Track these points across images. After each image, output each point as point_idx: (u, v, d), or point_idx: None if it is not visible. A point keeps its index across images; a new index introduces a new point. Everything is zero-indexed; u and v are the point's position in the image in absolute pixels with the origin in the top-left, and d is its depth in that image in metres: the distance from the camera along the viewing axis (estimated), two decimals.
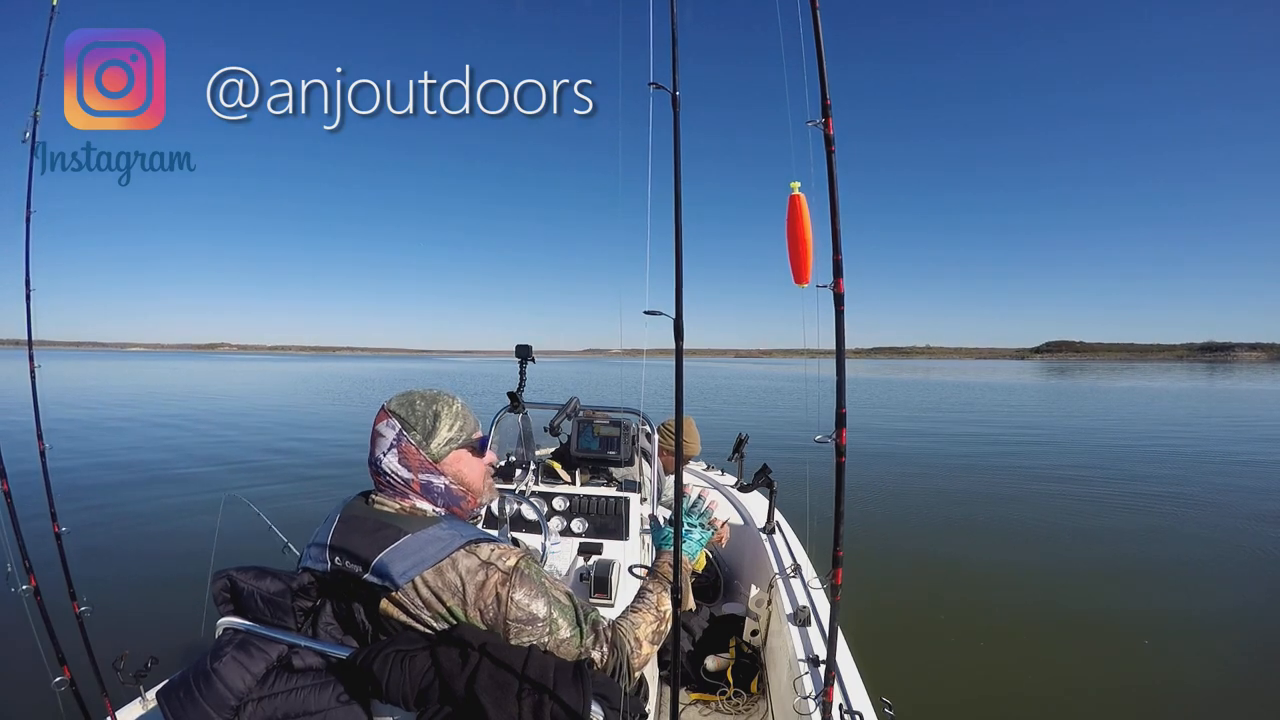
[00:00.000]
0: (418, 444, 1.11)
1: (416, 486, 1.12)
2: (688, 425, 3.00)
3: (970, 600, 4.47)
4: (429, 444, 1.12)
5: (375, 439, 1.13)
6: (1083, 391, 30.69)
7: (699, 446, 3.07)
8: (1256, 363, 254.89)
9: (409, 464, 1.11)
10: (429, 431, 1.12)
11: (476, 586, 1.01)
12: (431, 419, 1.13)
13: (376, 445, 1.12)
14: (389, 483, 1.12)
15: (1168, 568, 5.24)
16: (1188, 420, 17.09)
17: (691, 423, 3.04)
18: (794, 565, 2.76)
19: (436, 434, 1.13)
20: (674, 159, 1.25)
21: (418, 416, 1.12)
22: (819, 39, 1.23)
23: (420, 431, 1.12)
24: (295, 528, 2.09)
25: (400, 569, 0.97)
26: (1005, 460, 10.12)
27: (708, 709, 2.52)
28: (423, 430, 1.12)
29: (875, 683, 1.85)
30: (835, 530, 1.35)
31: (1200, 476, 8.75)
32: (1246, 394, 28.65)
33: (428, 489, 1.13)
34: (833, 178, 1.22)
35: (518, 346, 2.69)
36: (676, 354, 1.25)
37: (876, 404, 21.59)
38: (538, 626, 1.03)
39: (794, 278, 1.32)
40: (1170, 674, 3.52)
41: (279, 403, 22.21)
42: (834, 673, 1.45)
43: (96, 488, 7.80)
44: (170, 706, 0.92)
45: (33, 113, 2.17)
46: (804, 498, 2.10)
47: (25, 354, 2.22)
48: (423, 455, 1.11)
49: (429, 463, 1.12)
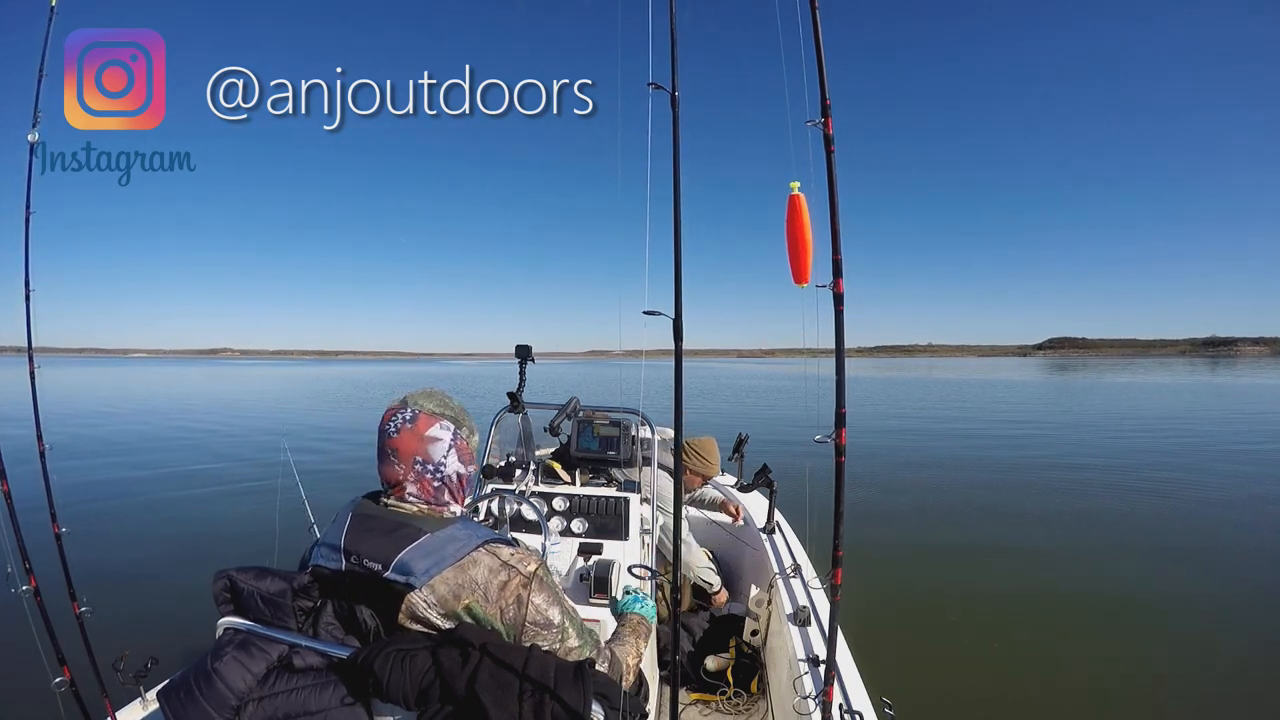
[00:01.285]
0: (467, 439, 1.14)
1: (465, 481, 1.14)
2: (709, 446, 3.01)
3: (971, 600, 4.46)
4: (473, 436, 1.16)
5: (429, 444, 1.08)
6: (1084, 388, 30.66)
7: (718, 469, 3.09)
8: (1259, 357, 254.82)
9: (464, 459, 1.13)
10: (471, 425, 1.16)
11: (499, 586, 1.03)
12: (465, 413, 1.17)
13: (432, 450, 1.08)
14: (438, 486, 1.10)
15: (1169, 568, 5.23)
16: (1186, 414, 17.08)
17: (713, 444, 3.04)
18: (794, 565, 2.76)
19: (474, 426, 1.17)
20: (674, 158, 1.25)
21: (459, 413, 1.15)
22: (818, 39, 1.23)
23: (467, 426, 1.15)
24: (295, 527, 2.09)
25: (422, 567, 0.98)
26: (1006, 459, 10.12)
27: (708, 709, 2.52)
28: (469, 425, 1.16)
29: (875, 683, 1.85)
30: (835, 530, 1.35)
31: (1200, 475, 8.74)
32: (1247, 388, 28.60)
33: (469, 482, 1.16)
34: (832, 178, 1.22)
35: (517, 347, 2.69)
36: (676, 354, 1.26)
37: (878, 402, 21.58)
38: (552, 632, 1.06)
39: (794, 278, 1.32)
40: (1172, 675, 3.52)
41: (281, 405, 22.24)
42: (834, 673, 1.45)
43: (97, 488, 7.80)
44: (170, 707, 0.92)
45: (33, 113, 2.17)
46: (804, 497, 2.10)
47: (26, 360, 2.22)
48: (471, 449, 1.15)
49: (473, 455, 1.16)
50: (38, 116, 2.17)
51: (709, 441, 3.05)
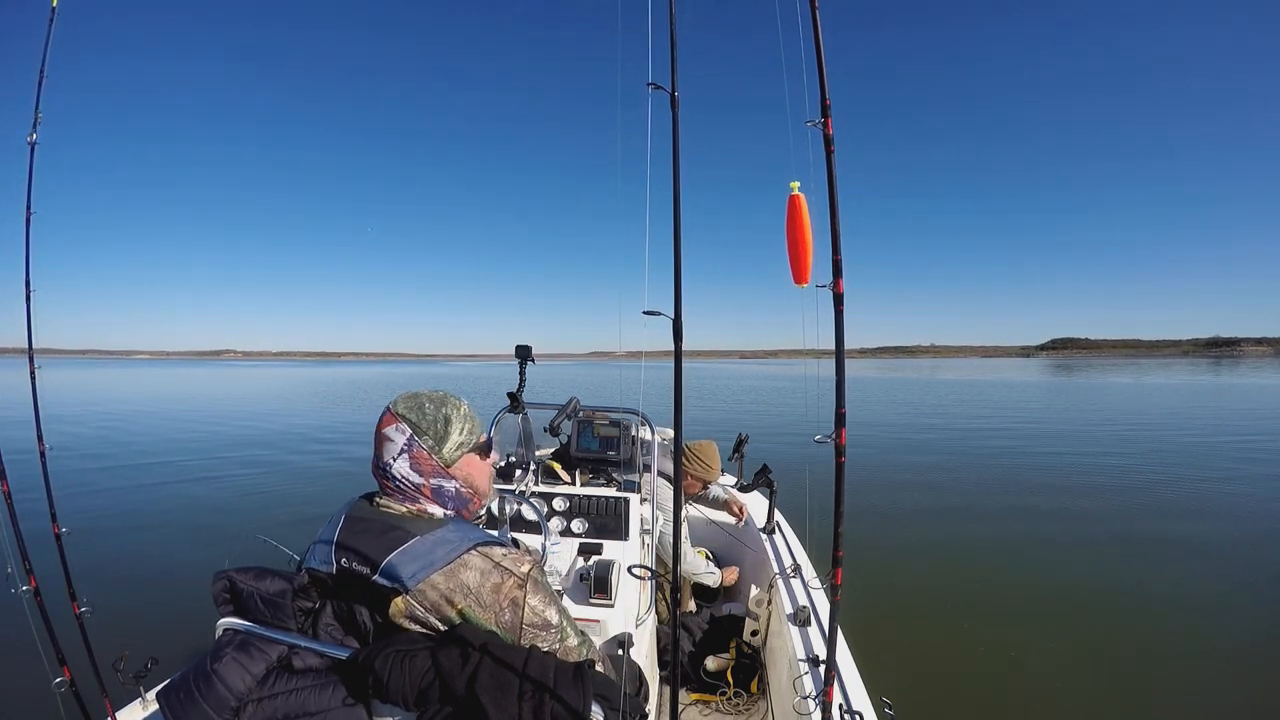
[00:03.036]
0: (429, 449, 1.09)
1: (427, 491, 1.10)
2: (709, 450, 3.03)
3: (972, 600, 4.46)
4: (441, 449, 1.10)
5: (383, 443, 1.09)
6: (1085, 388, 30.63)
7: (719, 473, 3.10)
8: (1262, 357, 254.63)
9: (421, 469, 1.09)
10: (441, 436, 1.10)
11: (492, 589, 1.02)
12: (443, 423, 1.11)
13: (384, 449, 1.09)
14: (398, 487, 1.09)
15: (1171, 567, 5.22)
16: (1187, 413, 17.06)
17: (714, 448, 3.06)
18: (794, 565, 2.76)
19: (449, 439, 1.11)
20: (673, 158, 1.25)
21: (429, 421, 1.10)
22: (818, 40, 1.23)
23: (432, 436, 1.10)
24: (295, 528, 2.10)
25: (410, 571, 0.97)
26: (1007, 459, 10.11)
27: (708, 709, 2.52)
28: (435, 435, 1.10)
29: (875, 683, 1.85)
30: (835, 530, 1.35)
31: (1201, 474, 8.73)
32: (1250, 389, 28.54)
33: (439, 493, 1.11)
34: (832, 178, 1.22)
35: (517, 347, 2.69)
36: (675, 354, 1.26)
37: (879, 403, 21.57)
38: (551, 633, 1.04)
39: (793, 278, 1.32)
40: (1172, 675, 3.51)
41: (282, 407, 22.26)
42: (834, 673, 1.45)
43: (97, 488, 7.81)
44: (170, 707, 0.92)
45: (33, 113, 2.17)
46: (804, 498, 2.10)
47: (27, 360, 2.22)
48: (435, 460, 1.10)
49: (441, 468, 1.11)
50: (38, 117, 2.16)
51: (709, 445, 3.05)
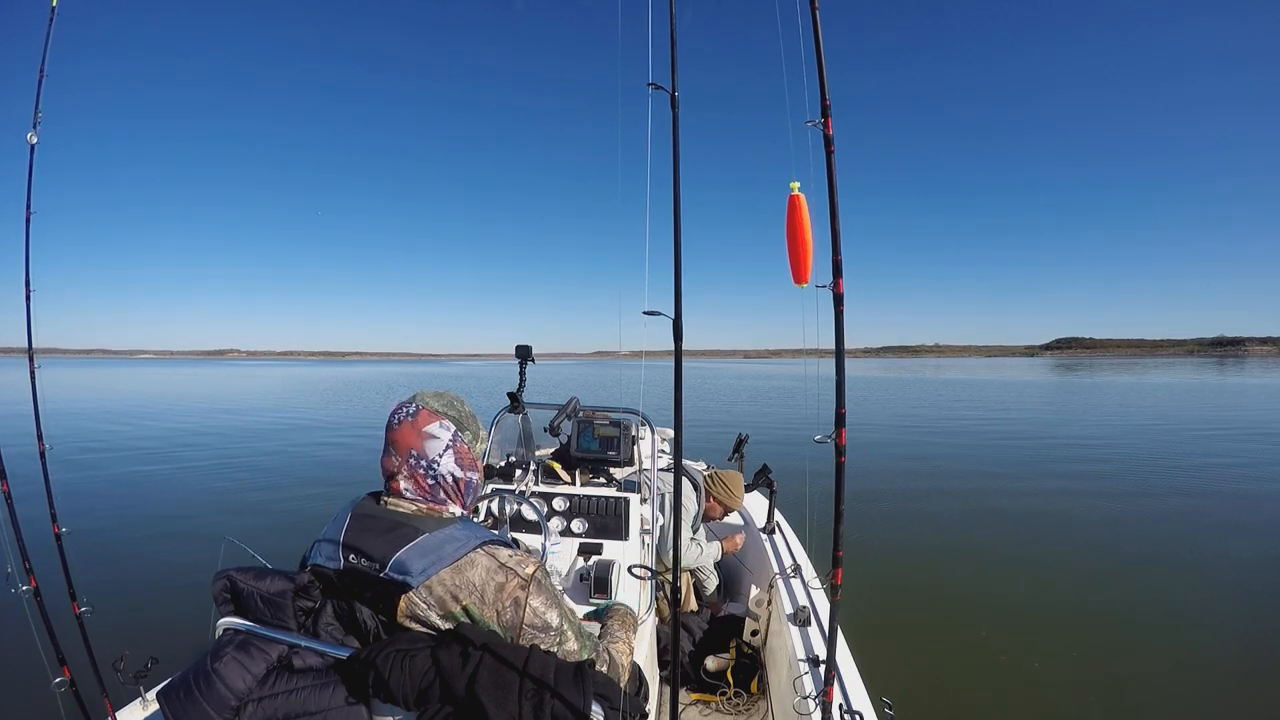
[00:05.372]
0: (469, 443, 1.14)
1: (463, 485, 1.13)
2: (735, 480, 3.09)
3: (972, 600, 4.46)
4: (477, 443, 1.16)
5: (425, 440, 1.09)
6: (1090, 387, 30.59)
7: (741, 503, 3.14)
8: (1267, 357, 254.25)
9: (463, 463, 1.12)
10: (475, 431, 1.16)
11: (496, 588, 1.03)
12: (472, 419, 1.17)
13: (428, 446, 1.09)
14: (432, 484, 1.10)
15: (1172, 568, 5.22)
16: (1187, 413, 17.05)
17: (739, 478, 3.12)
18: (794, 565, 2.76)
19: (479, 434, 1.18)
20: (673, 158, 1.25)
21: (465, 417, 1.15)
22: (818, 40, 1.23)
23: (471, 431, 1.15)
24: (296, 527, 2.10)
25: (419, 566, 0.98)
26: (1008, 459, 10.11)
27: (708, 709, 2.52)
28: (472, 430, 1.16)
29: (875, 683, 1.85)
30: (835, 530, 1.35)
31: (1204, 472, 8.73)
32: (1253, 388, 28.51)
33: (469, 486, 1.15)
34: (832, 178, 1.22)
35: (518, 347, 2.69)
36: (675, 354, 1.26)
37: (881, 402, 21.56)
38: (550, 635, 1.05)
39: (793, 278, 1.32)
40: (1173, 674, 3.51)
41: (284, 407, 22.26)
42: (834, 673, 1.45)
43: (97, 488, 7.82)
44: (170, 707, 0.92)
45: (33, 114, 2.17)
46: (804, 498, 2.10)
47: (27, 360, 2.22)
48: (473, 454, 1.15)
49: (475, 461, 1.15)
50: (38, 117, 2.16)
51: (735, 475, 3.13)
